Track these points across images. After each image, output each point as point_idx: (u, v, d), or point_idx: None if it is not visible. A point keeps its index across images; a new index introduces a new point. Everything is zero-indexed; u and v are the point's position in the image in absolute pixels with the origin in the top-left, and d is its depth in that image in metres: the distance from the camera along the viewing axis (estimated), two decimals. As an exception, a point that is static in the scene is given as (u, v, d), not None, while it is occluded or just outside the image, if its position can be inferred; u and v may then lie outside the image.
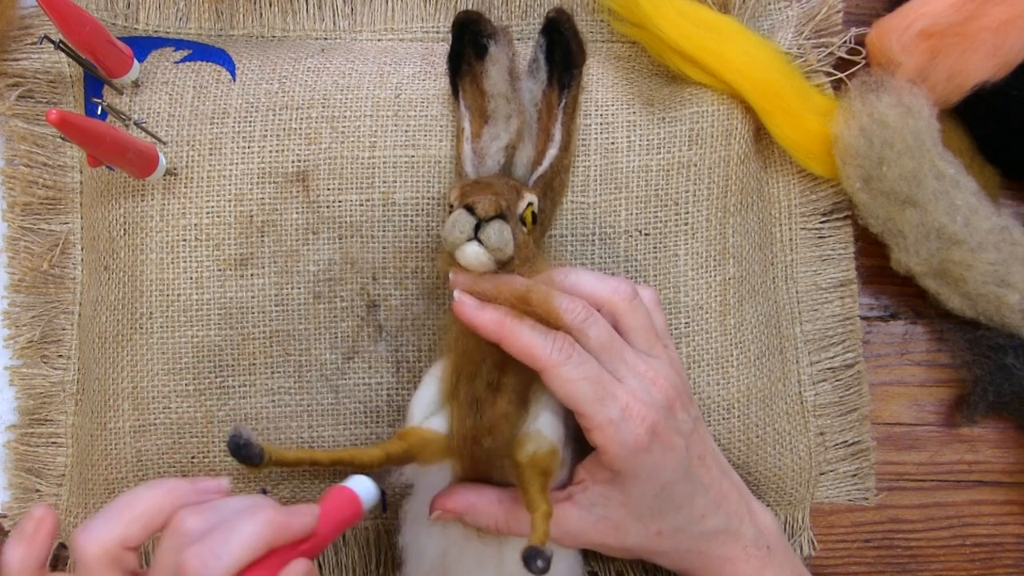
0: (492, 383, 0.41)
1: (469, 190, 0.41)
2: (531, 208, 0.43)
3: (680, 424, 0.42)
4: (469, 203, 0.40)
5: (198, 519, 0.35)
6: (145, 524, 0.36)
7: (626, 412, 0.40)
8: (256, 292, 0.48)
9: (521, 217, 0.42)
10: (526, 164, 0.46)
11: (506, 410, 0.41)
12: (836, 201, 0.54)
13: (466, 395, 0.41)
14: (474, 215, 0.40)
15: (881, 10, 0.54)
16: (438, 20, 0.53)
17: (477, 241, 0.40)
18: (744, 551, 0.45)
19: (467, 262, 0.40)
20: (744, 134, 0.50)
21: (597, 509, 0.43)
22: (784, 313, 0.54)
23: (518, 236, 0.41)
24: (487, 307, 0.41)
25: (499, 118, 0.46)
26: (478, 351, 0.41)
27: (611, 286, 0.43)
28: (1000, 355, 0.52)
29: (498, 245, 0.40)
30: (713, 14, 0.50)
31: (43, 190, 0.52)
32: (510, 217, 0.41)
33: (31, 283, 0.52)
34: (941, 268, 0.50)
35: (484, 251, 0.40)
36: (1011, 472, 0.55)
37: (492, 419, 0.41)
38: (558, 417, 0.42)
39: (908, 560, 0.54)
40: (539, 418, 0.42)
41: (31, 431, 0.51)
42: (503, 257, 0.40)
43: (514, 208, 0.42)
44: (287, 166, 0.48)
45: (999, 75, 0.50)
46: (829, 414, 0.54)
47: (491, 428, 0.41)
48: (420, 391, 0.44)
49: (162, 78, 0.49)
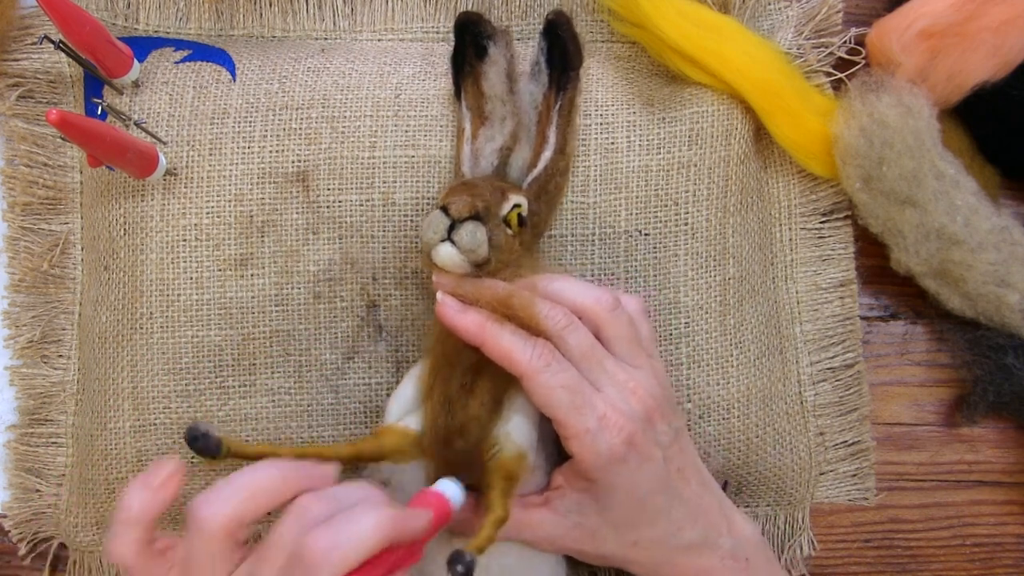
0: (466, 385, 0.41)
1: (451, 191, 0.41)
2: (517, 210, 0.43)
3: (659, 435, 0.42)
4: (444, 204, 0.40)
5: (322, 505, 0.35)
6: (262, 503, 0.36)
7: (603, 422, 0.40)
8: (256, 292, 0.48)
9: (505, 219, 0.42)
10: (522, 166, 0.46)
11: (477, 412, 0.41)
12: (836, 201, 0.54)
13: (440, 395, 0.41)
14: (448, 216, 0.40)
15: (881, 10, 0.54)
16: (438, 20, 0.53)
17: (451, 242, 0.40)
18: (721, 562, 0.44)
19: (441, 262, 0.41)
20: (744, 134, 0.50)
21: (573, 516, 0.43)
22: (784, 313, 0.54)
23: (498, 238, 0.41)
24: (469, 310, 0.41)
25: (495, 120, 0.46)
26: (455, 353, 0.42)
27: (594, 295, 0.43)
28: (1000, 355, 0.52)
29: (470, 247, 0.40)
30: (713, 14, 0.50)
31: (43, 190, 0.52)
32: (489, 219, 0.41)
33: (31, 283, 0.52)
34: (941, 268, 0.50)
35: (457, 252, 0.40)
36: (1011, 472, 0.55)
37: (463, 420, 0.41)
38: (530, 422, 0.42)
39: (908, 560, 0.54)
40: (510, 422, 0.42)
41: (31, 431, 0.51)
42: (476, 259, 0.41)
43: (496, 210, 0.42)
44: (287, 166, 0.48)
45: (999, 75, 0.50)
46: (829, 414, 0.54)
47: (462, 429, 0.41)
48: (399, 389, 0.44)
49: (162, 78, 0.49)
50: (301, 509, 0.35)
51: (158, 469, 0.37)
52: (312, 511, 0.35)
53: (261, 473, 0.36)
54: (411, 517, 0.36)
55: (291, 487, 0.36)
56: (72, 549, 0.51)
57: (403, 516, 0.35)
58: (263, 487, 0.36)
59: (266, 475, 0.36)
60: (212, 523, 0.35)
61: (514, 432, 0.42)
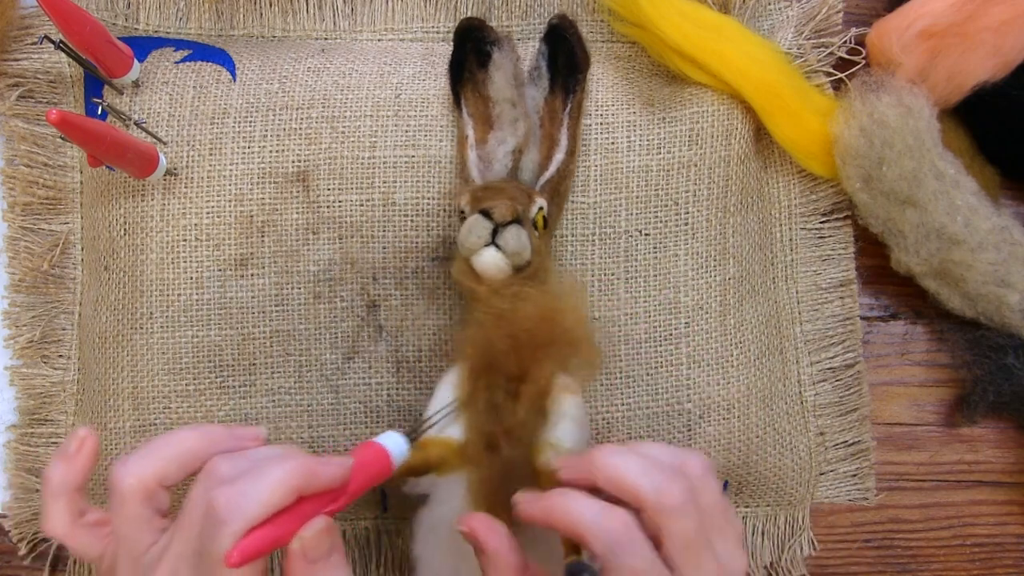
0: (512, 390, 0.40)
1: (483, 195, 0.41)
2: (542, 212, 0.42)
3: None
4: (485, 208, 0.39)
5: (230, 464, 0.35)
6: (181, 464, 0.36)
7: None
8: (256, 292, 0.48)
9: (533, 221, 0.42)
10: (532, 169, 0.46)
11: (524, 417, 0.40)
12: (836, 201, 0.54)
13: (485, 402, 0.40)
14: (491, 220, 0.39)
15: (881, 10, 0.54)
16: (438, 20, 0.53)
17: (495, 247, 0.39)
18: None
19: (483, 268, 0.40)
20: (744, 134, 0.50)
21: None
22: (784, 313, 0.54)
23: (533, 241, 0.41)
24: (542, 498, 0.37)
25: (505, 123, 0.46)
26: (499, 358, 0.41)
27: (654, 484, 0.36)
28: (1000, 355, 0.52)
29: (517, 249, 0.39)
30: (713, 14, 0.50)
31: (43, 190, 0.52)
32: (525, 221, 0.40)
33: (31, 283, 0.52)
34: (941, 268, 0.50)
35: (502, 256, 0.39)
36: (1011, 472, 0.55)
37: (511, 426, 0.40)
38: (578, 426, 0.42)
39: (908, 560, 0.54)
40: (558, 426, 0.41)
41: (31, 431, 0.51)
42: (521, 262, 0.40)
43: (527, 212, 0.41)
44: (287, 166, 0.48)
45: (999, 75, 0.50)
46: (829, 414, 0.54)
47: (510, 434, 0.40)
48: (435, 401, 0.43)
49: (162, 78, 0.49)
50: (210, 468, 0.35)
51: (71, 438, 0.38)
52: (221, 470, 0.35)
53: (179, 435, 0.37)
54: (322, 465, 0.35)
55: (208, 449, 0.36)
56: (72, 549, 0.51)
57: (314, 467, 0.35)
58: (181, 448, 0.36)
59: (185, 436, 0.37)
60: (128, 481, 0.35)
61: (564, 436, 0.41)
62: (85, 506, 0.38)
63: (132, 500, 0.35)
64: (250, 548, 0.32)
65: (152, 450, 0.36)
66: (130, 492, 0.35)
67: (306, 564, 0.34)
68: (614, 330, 0.49)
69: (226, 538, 0.32)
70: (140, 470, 0.35)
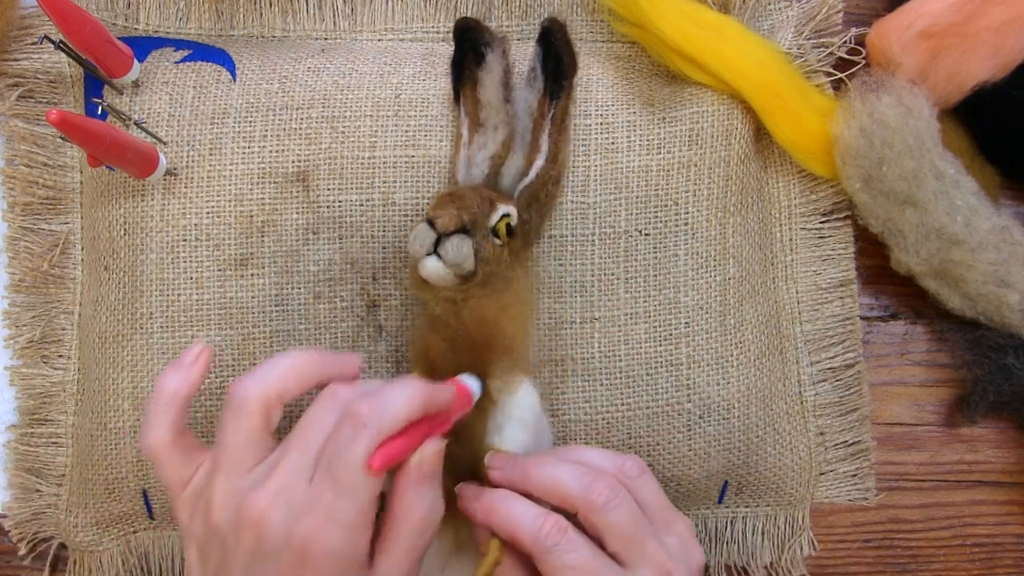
0: None
1: (438, 202, 0.41)
2: (506, 220, 0.42)
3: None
4: (430, 217, 0.40)
5: (351, 390, 0.37)
6: (299, 382, 0.38)
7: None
8: (256, 292, 0.48)
9: (494, 229, 0.42)
10: (515, 174, 0.46)
11: (468, 419, 0.41)
12: (836, 201, 0.54)
13: None
14: (434, 229, 0.40)
15: (881, 10, 0.54)
16: (438, 20, 0.53)
17: (436, 255, 0.40)
18: None
19: (427, 275, 0.41)
20: (744, 134, 0.50)
21: None
22: (784, 313, 0.54)
23: (485, 249, 0.41)
24: (484, 493, 0.40)
25: (488, 127, 0.46)
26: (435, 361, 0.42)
27: (615, 463, 0.41)
28: (1000, 355, 0.52)
29: (456, 261, 0.40)
30: (713, 14, 0.50)
31: (43, 190, 0.52)
32: (476, 230, 0.41)
33: (31, 283, 0.52)
34: (941, 268, 0.50)
35: (442, 265, 0.40)
36: (1011, 472, 0.55)
37: (457, 426, 0.40)
38: (524, 427, 0.42)
39: (908, 560, 0.54)
40: (504, 429, 0.42)
41: (31, 431, 0.51)
42: (462, 272, 0.41)
43: (483, 221, 0.41)
44: (287, 166, 0.48)
45: (999, 75, 0.50)
46: (829, 414, 0.54)
47: (455, 435, 0.40)
48: None
49: (162, 78, 0.49)
50: (332, 390, 0.37)
51: (187, 352, 0.39)
52: (343, 391, 0.37)
53: (292, 356, 0.38)
54: (439, 390, 0.37)
55: (321, 368, 0.38)
56: (72, 549, 0.51)
57: (432, 388, 0.37)
58: (296, 368, 0.38)
59: (298, 356, 0.38)
60: (249, 398, 0.36)
61: (507, 442, 0.41)
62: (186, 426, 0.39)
63: (253, 412, 0.36)
64: (391, 453, 0.34)
65: (270, 368, 0.37)
66: (254, 403, 0.36)
67: (419, 479, 0.36)
68: (614, 330, 0.49)
69: (366, 442, 0.34)
70: (259, 387, 0.37)
